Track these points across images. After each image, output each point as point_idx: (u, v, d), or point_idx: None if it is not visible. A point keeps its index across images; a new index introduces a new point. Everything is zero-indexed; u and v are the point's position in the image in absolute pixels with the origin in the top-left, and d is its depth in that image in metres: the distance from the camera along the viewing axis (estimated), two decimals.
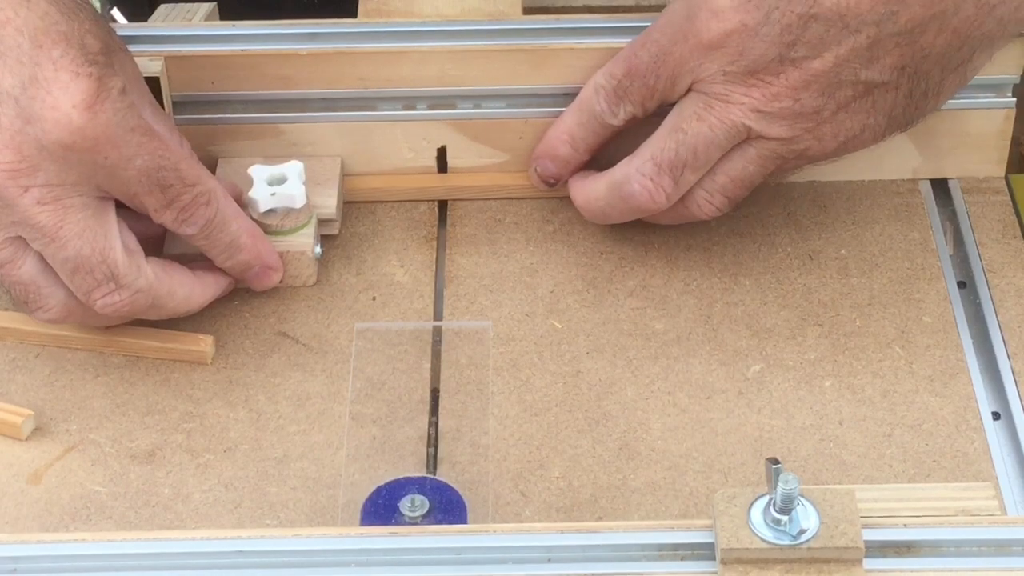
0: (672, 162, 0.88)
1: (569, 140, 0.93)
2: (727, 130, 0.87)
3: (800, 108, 0.86)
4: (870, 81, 0.86)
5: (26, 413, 0.85)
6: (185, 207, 0.85)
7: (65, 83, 0.80)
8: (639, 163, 0.89)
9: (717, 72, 0.86)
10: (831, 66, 0.85)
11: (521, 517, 0.80)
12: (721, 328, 0.90)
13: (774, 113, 0.86)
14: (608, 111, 0.91)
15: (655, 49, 0.88)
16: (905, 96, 0.87)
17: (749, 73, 0.86)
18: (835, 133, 0.87)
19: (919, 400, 0.86)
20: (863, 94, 0.86)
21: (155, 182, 0.83)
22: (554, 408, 0.86)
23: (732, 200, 0.90)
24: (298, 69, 0.94)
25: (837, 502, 0.70)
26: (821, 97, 0.86)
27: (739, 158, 0.89)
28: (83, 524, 0.80)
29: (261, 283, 0.91)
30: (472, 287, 0.93)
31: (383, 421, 0.85)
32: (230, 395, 0.87)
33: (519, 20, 0.97)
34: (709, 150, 0.88)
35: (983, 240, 0.94)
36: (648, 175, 0.89)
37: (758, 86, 0.86)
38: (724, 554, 0.69)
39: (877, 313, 0.90)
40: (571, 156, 0.94)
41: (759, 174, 0.89)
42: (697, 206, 0.91)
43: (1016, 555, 0.70)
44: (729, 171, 0.89)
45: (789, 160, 0.89)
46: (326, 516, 0.80)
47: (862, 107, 0.87)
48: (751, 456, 0.83)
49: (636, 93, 0.90)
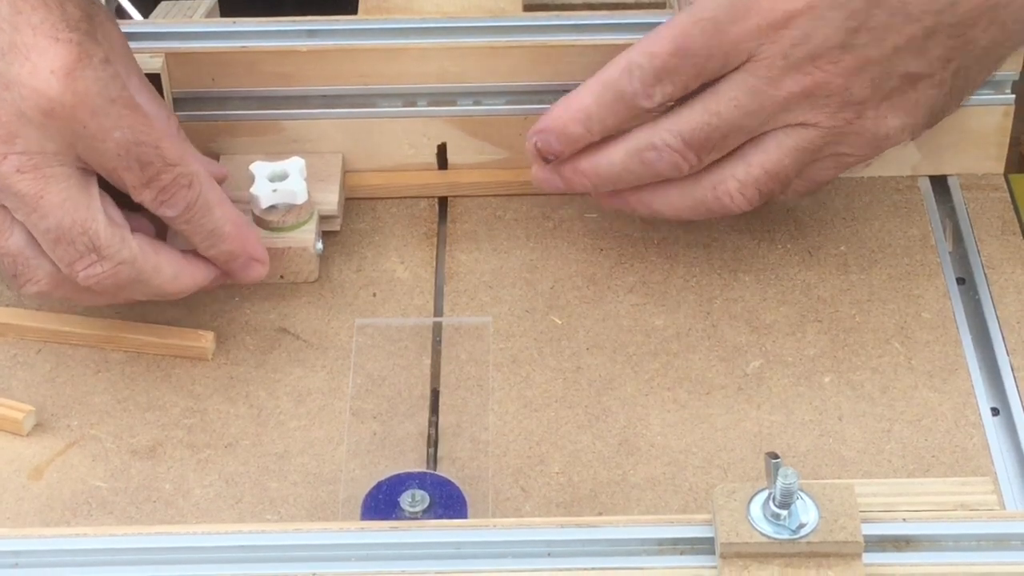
0: (702, 141, 0.85)
1: (584, 119, 0.87)
2: (765, 115, 0.84)
3: (848, 97, 0.84)
4: (918, 73, 0.84)
5: (27, 409, 0.85)
6: (165, 187, 0.83)
7: (44, 48, 0.79)
8: (664, 135, 0.86)
9: (776, 54, 0.83)
10: (888, 55, 0.83)
11: (521, 512, 0.80)
12: (721, 324, 0.90)
13: (820, 100, 0.84)
14: (642, 92, 0.85)
15: (711, 27, 0.83)
16: (947, 93, 0.85)
17: (810, 59, 0.83)
18: (875, 128, 0.85)
19: (918, 396, 0.86)
20: (907, 88, 0.84)
21: (134, 157, 0.82)
22: (554, 404, 0.86)
23: (765, 195, 0.87)
24: (299, 66, 0.94)
25: (836, 496, 0.70)
26: (869, 87, 0.84)
27: (775, 148, 0.86)
28: (84, 519, 0.81)
29: (246, 275, 0.89)
30: (472, 283, 0.93)
31: (383, 417, 0.85)
32: (231, 391, 0.87)
33: (519, 17, 0.98)
34: (739, 135, 0.85)
35: (982, 236, 0.95)
36: (674, 147, 0.85)
37: (813, 74, 0.83)
38: (724, 548, 0.69)
39: (876, 309, 0.90)
40: (582, 136, 0.88)
41: (794, 167, 0.86)
42: (730, 198, 0.87)
43: (1015, 549, 0.70)
44: (764, 162, 0.86)
45: (825, 156, 0.86)
46: (327, 511, 0.81)
47: (903, 103, 0.85)
48: (751, 451, 0.83)
49: (684, 73, 0.84)
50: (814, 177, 0.89)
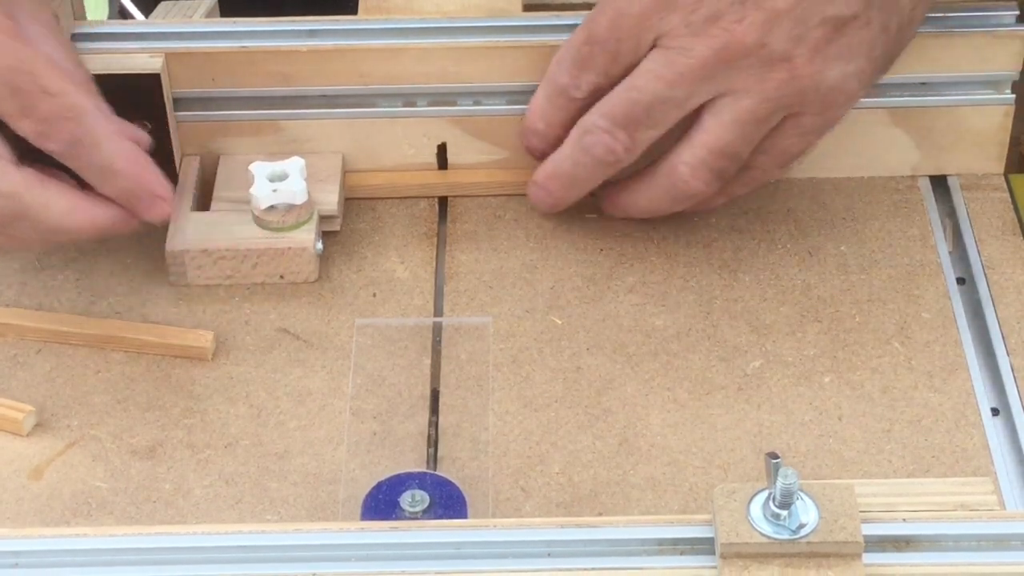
0: (625, 118, 0.87)
1: (540, 115, 0.92)
2: (686, 85, 0.85)
3: (768, 55, 0.84)
4: (838, 16, 0.84)
5: (27, 409, 0.85)
6: (44, 118, 0.81)
7: None
8: (594, 118, 0.88)
9: (679, 25, 0.84)
10: (795, 2, 0.83)
11: (521, 512, 0.80)
12: (721, 324, 0.90)
13: (739, 62, 0.84)
14: (571, 83, 0.89)
15: (612, 12, 0.86)
16: (881, 31, 0.85)
17: (711, 21, 0.84)
18: (816, 84, 0.85)
19: (918, 396, 0.86)
20: (834, 34, 0.84)
21: (7, 83, 0.80)
22: (554, 404, 0.86)
23: (717, 173, 0.88)
24: (299, 66, 0.94)
25: (836, 497, 0.70)
26: (789, 41, 0.84)
27: (714, 125, 0.87)
28: (84, 519, 0.81)
29: (151, 213, 0.86)
30: (472, 283, 0.93)
31: (383, 417, 0.85)
32: (231, 391, 0.87)
33: (519, 17, 0.98)
34: (664, 108, 0.86)
35: (982, 237, 0.95)
36: (603, 128, 0.88)
37: (720, 35, 0.84)
38: (724, 548, 0.69)
39: (876, 309, 0.90)
40: (547, 132, 0.92)
41: (740, 141, 0.87)
42: (684, 182, 0.89)
43: (1015, 549, 0.70)
44: (706, 141, 0.87)
45: (772, 122, 0.86)
46: (327, 511, 0.81)
47: (838, 51, 0.85)
48: (751, 452, 0.83)
49: (598, 60, 0.87)
50: (781, 147, 0.89)
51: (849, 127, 0.95)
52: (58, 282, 0.93)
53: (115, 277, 0.94)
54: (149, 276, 0.93)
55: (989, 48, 0.94)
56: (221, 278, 0.93)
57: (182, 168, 0.97)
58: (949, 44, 0.94)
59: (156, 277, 0.93)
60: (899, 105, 0.96)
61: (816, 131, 0.89)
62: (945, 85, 0.95)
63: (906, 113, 0.96)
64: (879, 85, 0.93)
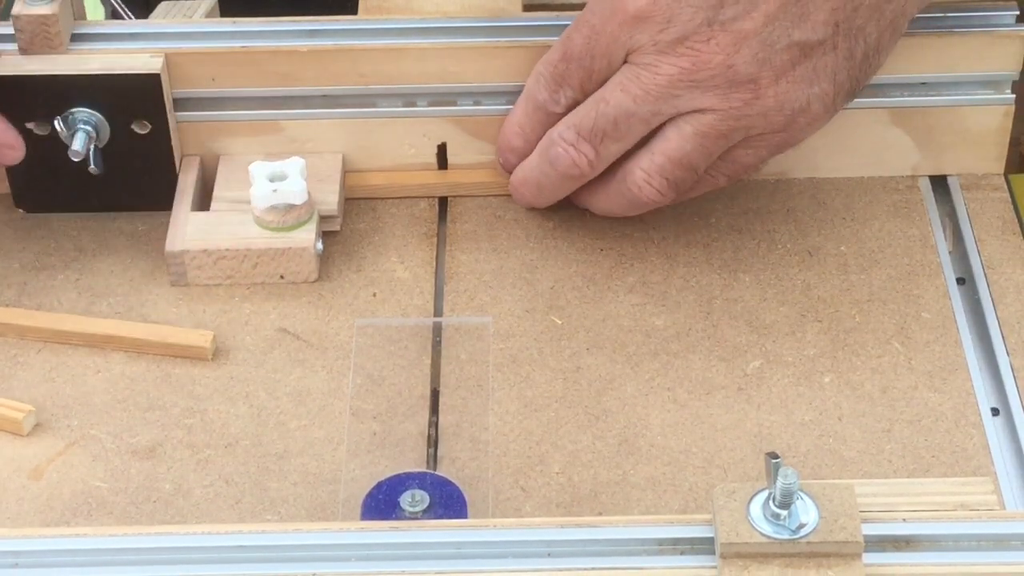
0: (591, 130, 0.89)
1: (520, 131, 0.93)
2: (652, 101, 0.87)
3: (734, 75, 0.85)
4: (805, 41, 0.85)
5: (27, 409, 0.85)
6: None
7: None
8: (562, 129, 0.90)
9: (648, 43, 0.86)
10: (761, 25, 0.84)
11: (521, 512, 0.80)
12: (721, 324, 0.90)
13: (705, 81, 0.85)
14: (550, 99, 0.91)
15: (587, 30, 0.88)
16: (845, 57, 0.86)
17: (679, 41, 0.85)
18: (779, 106, 0.86)
19: (918, 396, 0.86)
20: (800, 58, 0.85)
21: None
22: (554, 404, 0.86)
23: (673, 183, 0.90)
24: (299, 66, 0.94)
25: (836, 496, 0.70)
26: (755, 63, 0.85)
27: (675, 136, 0.88)
28: (84, 519, 0.81)
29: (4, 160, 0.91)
30: (472, 283, 0.93)
31: (383, 417, 0.85)
32: (231, 391, 0.87)
33: (519, 17, 0.98)
34: (630, 122, 0.88)
35: (982, 236, 0.95)
36: (569, 141, 0.90)
37: (687, 55, 0.85)
38: (724, 548, 0.69)
39: (876, 309, 0.91)
40: (524, 148, 0.94)
41: (699, 154, 0.88)
42: (638, 187, 0.90)
43: (1014, 549, 0.70)
44: (666, 150, 0.88)
45: (734, 140, 0.88)
46: (327, 511, 0.81)
47: (803, 74, 0.86)
48: (751, 452, 0.83)
49: (574, 76, 0.89)
50: (740, 160, 0.90)
51: (849, 127, 0.95)
52: (58, 282, 0.93)
53: (115, 277, 0.94)
54: (149, 276, 0.94)
55: (989, 48, 0.94)
56: (221, 278, 0.93)
57: (182, 168, 0.97)
58: (949, 44, 0.94)
59: (156, 277, 0.93)
60: (899, 105, 0.96)
61: (775, 149, 0.90)
62: (945, 85, 0.95)
63: (906, 113, 0.96)
64: (879, 85, 0.94)
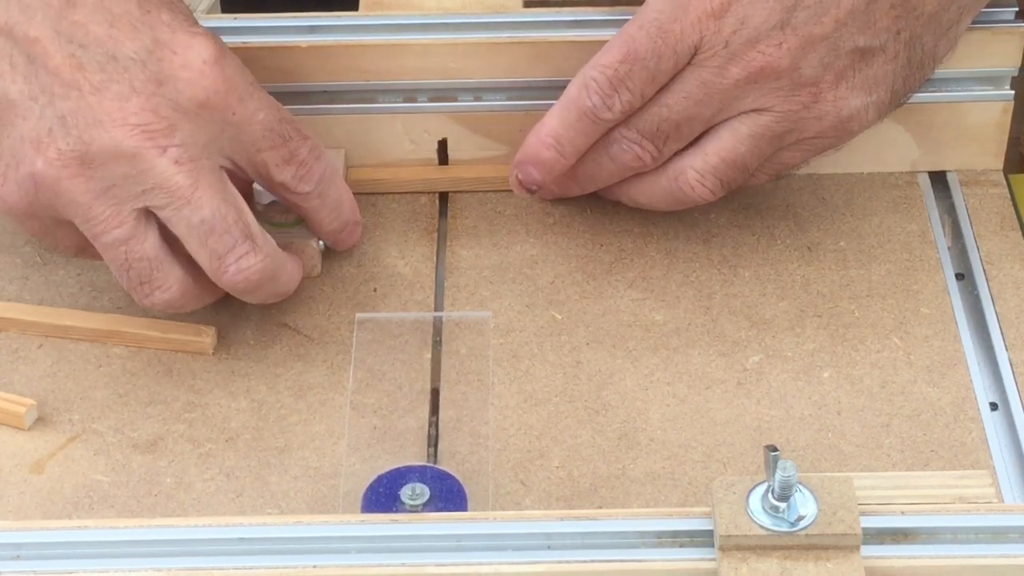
0: (654, 132, 0.88)
1: (554, 143, 0.89)
2: (716, 103, 0.86)
3: (799, 78, 0.85)
4: (868, 47, 0.85)
5: (29, 403, 0.85)
6: (303, 161, 0.85)
7: (187, 43, 0.81)
8: (624, 130, 0.88)
9: (719, 45, 0.85)
10: (831, 30, 0.84)
11: (521, 506, 0.81)
12: (720, 319, 0.90)
13: (769, 83, 0.85)
14: (602, 105, 0.87)
15: (653, 28, 0.85)
16: (904, 66, 0.87)
17: (750, 44, 0.85)
18: (836, 110, 0.87)
19: (917, 390, 0.86)
20: (861, 64, 0.86)
21: (277, 135, 0.84)
22: (554, 398, 0.86)
23: (726, 183, 0.89)
24: (299, 62, 0.95)
25: (835, 489, 0.70)
26: (820, 67, 0.85)
27: (730, 137, 0.88)
28: (86, 513, 0.81)
29: (352, 239, 0.92)
30: (472, 278, 0.93)
31: (384, 411, 0.85)
32: (232, 385, 0.87)
33: (520, 13, 0.98)
34: (693, 124, 0.87)
35: (981, 232, 0.95)
36: (631, 139, 0.88)
37: (757, 59, 0.85)
38: (723, 541, 0.69)
39: (876, 304, 0.91)
40: (556, 161, 0.90)
41: (752, 155, 0.88)
42: (690, 187, 0.89)
43: (1013, 542, 0.70)
44: (720, 151, 0.88)
45: (786, 141, 0.88)
46: (327, 505, 0.81)
47: (862, 80, 0.86)
48: (750, 446, 0.83)
49: (636, 79, 0.86)
50: (785, 161, 0.90)
51: None
52: (60, 277, 0.93)
53: None
54: None
55: (989, 44, 0.94)
56: None
57: None
58: None
59: None
60: None
61: (820, 151, 0.90)
62: (944, 81, 0.95)
63: (906, 109, 0.96)
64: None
